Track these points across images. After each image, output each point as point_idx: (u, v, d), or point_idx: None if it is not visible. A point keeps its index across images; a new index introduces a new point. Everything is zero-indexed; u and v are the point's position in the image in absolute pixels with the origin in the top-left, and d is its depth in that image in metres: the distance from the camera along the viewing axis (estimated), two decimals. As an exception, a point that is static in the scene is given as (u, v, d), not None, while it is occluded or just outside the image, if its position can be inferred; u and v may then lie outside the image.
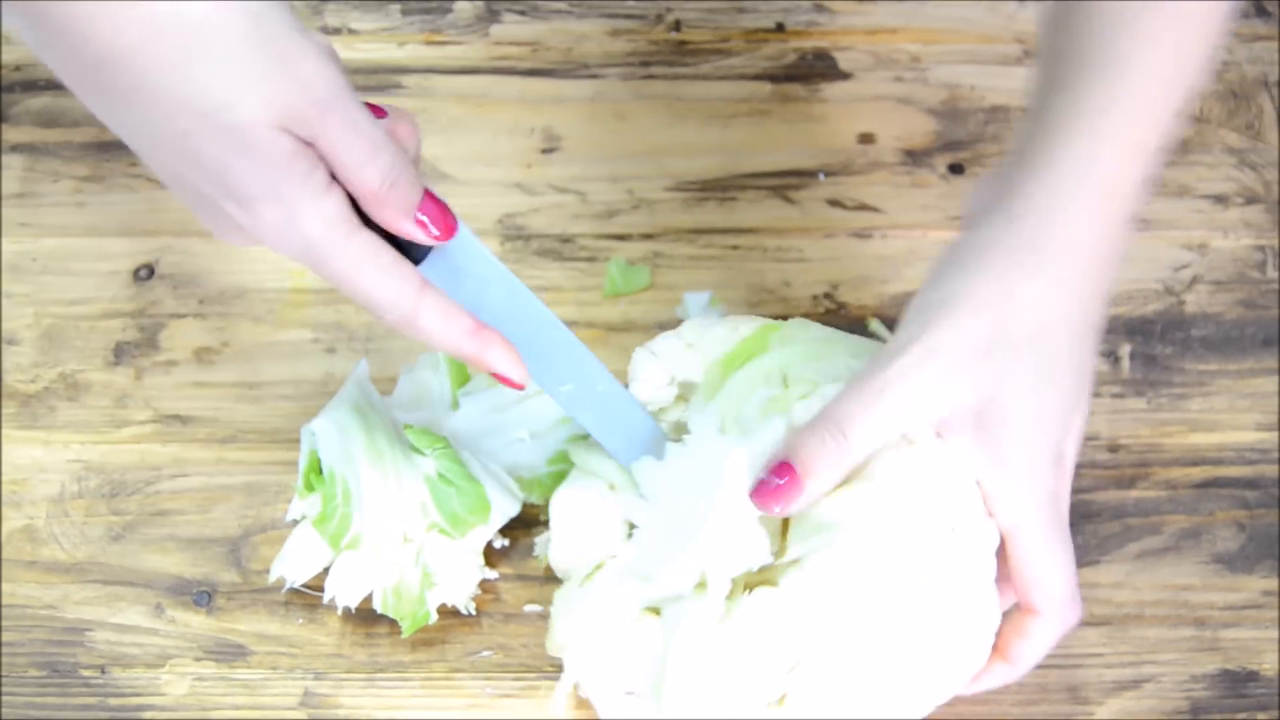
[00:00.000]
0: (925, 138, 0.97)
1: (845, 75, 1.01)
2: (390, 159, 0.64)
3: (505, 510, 0.80)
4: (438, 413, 0.83)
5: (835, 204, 0.95)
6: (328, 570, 0.80)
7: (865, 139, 0.98)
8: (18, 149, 0.97)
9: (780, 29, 1.03)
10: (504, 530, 0.82)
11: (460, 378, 0.85)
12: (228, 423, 0.87)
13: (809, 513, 0.68)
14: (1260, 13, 1.02)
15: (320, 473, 0.80)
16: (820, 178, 0.96)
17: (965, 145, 0.97)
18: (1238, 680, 0.79)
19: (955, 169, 0.96)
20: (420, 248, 0.68)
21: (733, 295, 0.91)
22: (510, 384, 0.69)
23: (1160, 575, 0.83)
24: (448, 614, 0.80)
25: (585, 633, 0.72)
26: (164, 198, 0.95)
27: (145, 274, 0.92)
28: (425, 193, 0.66)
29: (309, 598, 0.81)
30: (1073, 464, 0.71)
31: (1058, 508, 0.70)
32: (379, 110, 0.66)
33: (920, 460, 0.68)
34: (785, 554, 0.68)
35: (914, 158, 0.97)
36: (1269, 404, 0.87)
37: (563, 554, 0.75)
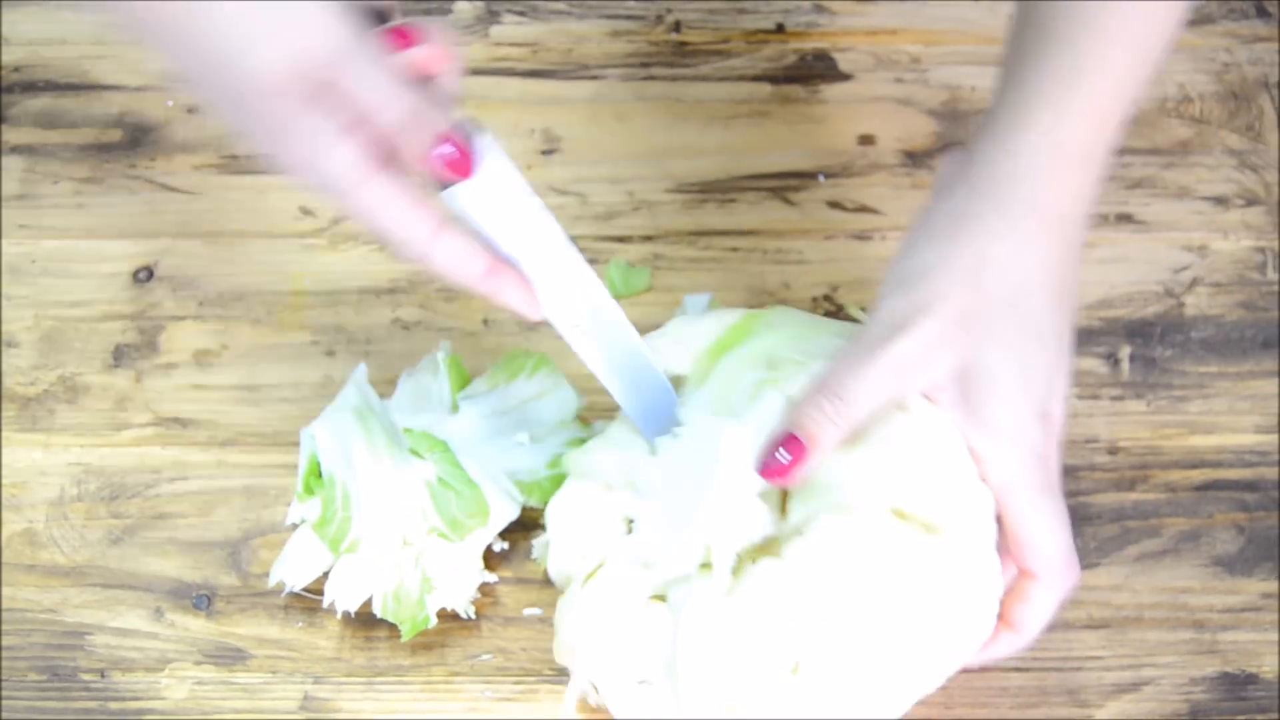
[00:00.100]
0: (926, 139, 0.97)
1: (845, 76, 1.00)
2: (400, 106, 0.66)
3: (505, 514, 0.81)
4: (437, 416, 0.83)
5: (835, 206, 0.95)
6: (327, 574, 0.80)
7: (865, 140, 0.97)
8: (17, 150, 0.97)
9: (780, 30, 1.02)
10: (503, 534, 0.82)
11: (460, 381, 0.85)
12: (227, 426, 0.87)
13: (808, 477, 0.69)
14: (1260, 13, 1.02)
15: (320, 476, 0.80)
16: (820, 179, 0.96)
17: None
18: (1237, 683, 0.79)
19: (955, 170, 0.96)
20: None
21: (733, 297, 0.91)
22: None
23: (1159, 578, 0.83)
24: (447, 618, 0.80)
25: (593, 629, 0.72)
26: (163, 199, 0.95)
27: (145, 276, 0.92)
28: (444, 134, 0.67)
29: (309, 601, 0.81)
30: (1060, 427, 0.72)
31: (1047, 469, 0.71)
32: (410, 37, 0.67)
33: (914, 423, 0.69)
34: (787, 519, 0.69)
35: (914, 159, 0.96)
36: (1269, 406, 0.87)
37: (561, 562, 0.75)
